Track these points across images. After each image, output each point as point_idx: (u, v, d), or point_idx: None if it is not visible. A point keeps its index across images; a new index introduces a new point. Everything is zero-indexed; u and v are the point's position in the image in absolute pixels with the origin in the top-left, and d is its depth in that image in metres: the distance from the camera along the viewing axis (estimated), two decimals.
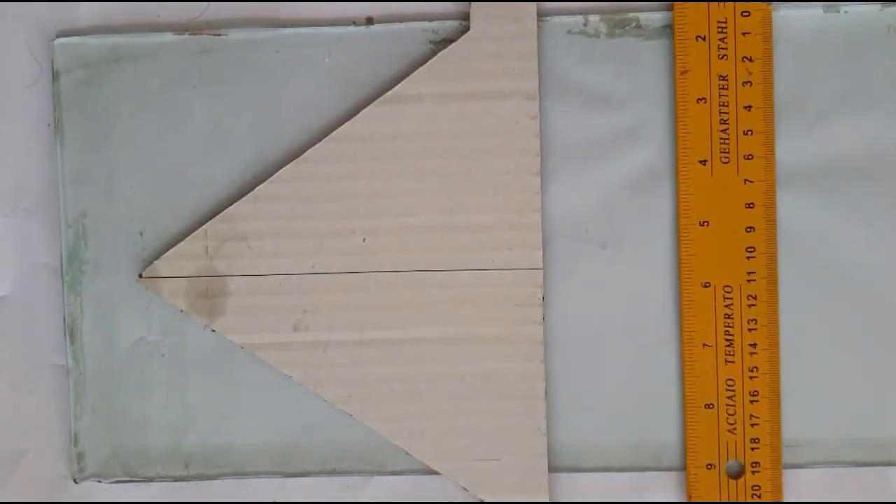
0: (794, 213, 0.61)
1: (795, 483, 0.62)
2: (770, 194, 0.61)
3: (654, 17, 0.62)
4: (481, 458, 0.62)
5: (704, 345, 0.61)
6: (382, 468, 0.63)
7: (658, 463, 0.62)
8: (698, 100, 0.61)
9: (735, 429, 0.61)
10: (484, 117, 0.62)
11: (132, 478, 0.63)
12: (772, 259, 0.61)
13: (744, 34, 0.61)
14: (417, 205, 0.61)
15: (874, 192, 0.61)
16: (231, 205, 0.62)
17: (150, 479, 0.64)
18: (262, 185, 0.62)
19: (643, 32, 0.62)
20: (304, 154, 0.61)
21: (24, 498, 0.64)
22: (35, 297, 0.64)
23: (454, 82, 0.62)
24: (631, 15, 0.62)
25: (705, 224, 0.61)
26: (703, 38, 0.61)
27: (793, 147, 0.61)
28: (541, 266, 0.61)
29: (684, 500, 0.62)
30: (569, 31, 0.62)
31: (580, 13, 0.62)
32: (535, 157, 0.61)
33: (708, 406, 0.61)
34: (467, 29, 0.61)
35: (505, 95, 0.62)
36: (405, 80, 0.61)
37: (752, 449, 0.61)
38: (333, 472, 0.63)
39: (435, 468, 0.62)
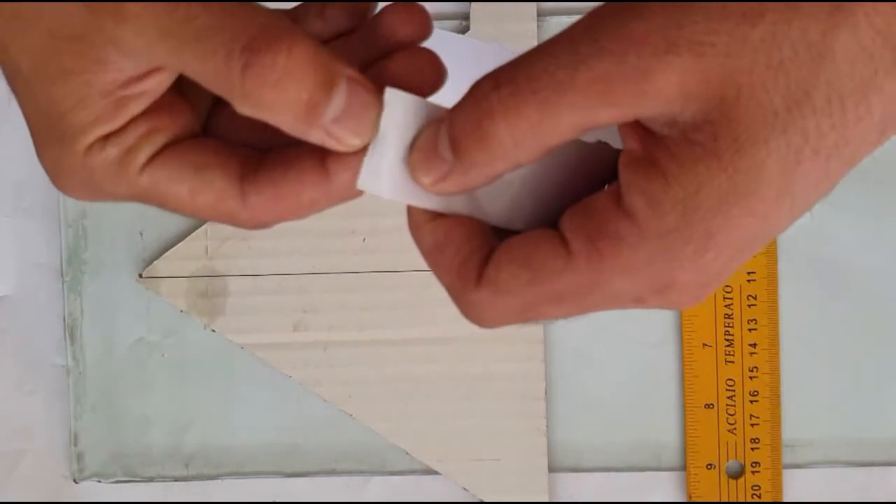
0: None
1: (795, 483, 0.62)
2: None
3: None
4: (481, 458, 0.62)
5: (704, 345, 0.61)
6: (382, 468, 0.63)
7: (658, 463, 0.62)
8: None
9: (735, 429, 0.61)
10: None
11: (132, 478, 0.63)
12: (772, 259, 0.61)
13: None
14: None
15: (874, 192, 0.61)
16: None
17: (150, 479, 0.64)
18: None
19: None
20: None
21: (24, 498, 0.64)
22: (35, 297, 0.64)
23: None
24: None
25: None
26: None
27: None
28: None
29: (684, 500, 0.62)
30: None
31: (580, 13, 0.62)
32: None
33: (708, 406, 0.61)
34: (467, 29, 0.61)
35: None
36: None
37: (752, 449, 0.61)
38: (333, 472, 0.63)
39: (435, 468, 0.62)
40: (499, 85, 0.27)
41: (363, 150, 0.29)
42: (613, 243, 0.28)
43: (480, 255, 0.29)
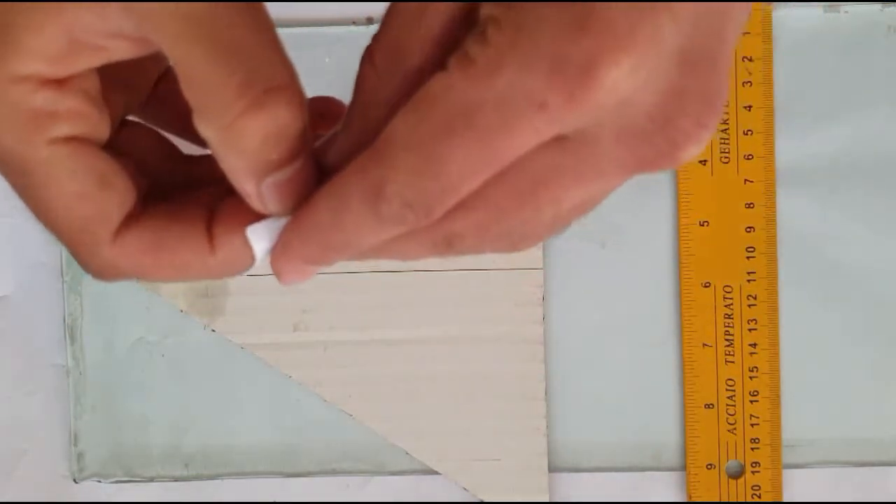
0: (794, 213, 0.61)
1: (795, 483, 0.62)
2: (770, 194, 0.61)
3: None
4: (481, 458, 0.62)
5: (704, 345, 0.61)
6: (382, 468, 0.63)
7: (658, 463, 0.62)
8: None
9: (735, 429, 0.61)
10: None
11: (132, 478, 0.63)
12: (772, 259, 0.61)
13: (744, 34, 0.61)
14: None
15: (874, 192, 0.61)
16: None
17: (150, 479, 0.64)
18: None
19: None
20: None
21: (24, 498, 0.64)
22: (35, 297, 0.64)
23: None
24: None
25: (705, 224, 0.61)
26: None
27: (793, 147, 0.61)
28: (541, 266, 0.61)
29: (684, 500, 0.62)
30: None
31: None
32: None
33: (708, 406, 0.61)
34: None
35: None
36: None
37: (752, 449, 0.61)
38: (333, 472, 0.63)
39: (435, 468, 0.62)
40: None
41: (242, 230, 0.29)
42: (482, 43, 0.25)
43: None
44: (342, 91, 0.66)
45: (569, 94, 0.24)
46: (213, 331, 0.62)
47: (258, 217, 0.29)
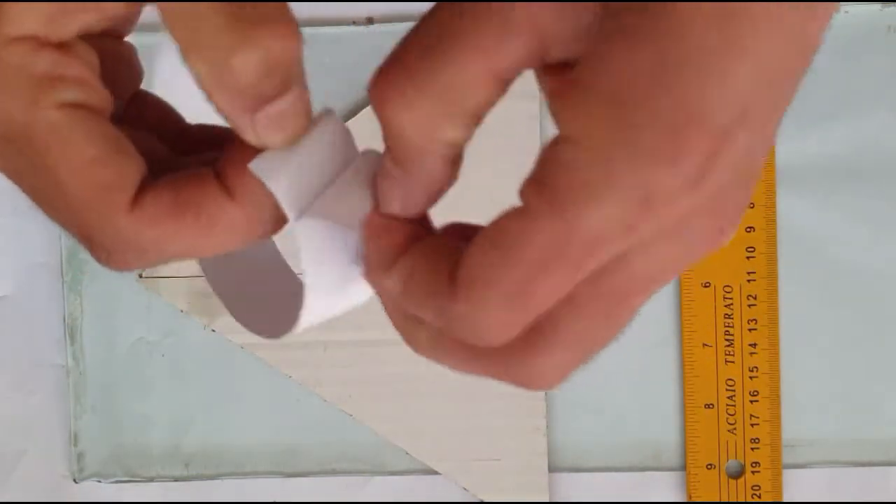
0: (794, 213, 0.61)
1: (795, 483, 0.62)
2: (770, 194, 0.61)
3: None
4: (481, 458, 0.62)
5: (704, 345, 0.61)
6: (382, 468, 0.63)
7: (658, 463, 0.62)
8: None
9: (735, 429, 0.61)
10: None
11: (132, 478, 0.63)
12: (772, 259, 0.61)
13: None
14: None
15: (874, 192, 0.61)
16: None
17: (150, 479, 0.64)
18: None
19: None
20: None
21: (24, 498, 0.64)
22: (35, 297, 0.64)
23: None
24: None
25: None
26: None
27: (793, 147, 0.61)
28: None
29: (684, 500, 0.62)
30: None
31: None
32: (535, 157, 0.61)
33: (708, 406, 0.61)
34: None
35: (505, 96, 0.62)
36: None
37: (752, 449, 0.61)
38: (333, 472, 0.63)
39: (435, 468, 0.62)
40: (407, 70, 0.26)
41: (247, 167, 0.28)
42: (564, 172, 0.24)
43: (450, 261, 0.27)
44: (342, 90, 0.66)
45: (655, 217, 0.24)
46: (213, 331, 0.62)
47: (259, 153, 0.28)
